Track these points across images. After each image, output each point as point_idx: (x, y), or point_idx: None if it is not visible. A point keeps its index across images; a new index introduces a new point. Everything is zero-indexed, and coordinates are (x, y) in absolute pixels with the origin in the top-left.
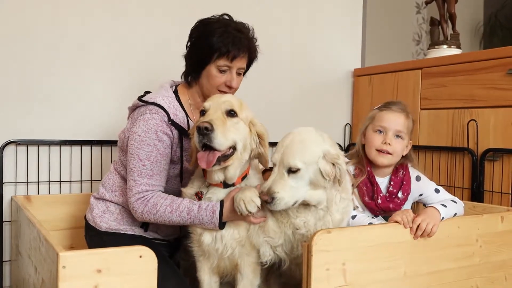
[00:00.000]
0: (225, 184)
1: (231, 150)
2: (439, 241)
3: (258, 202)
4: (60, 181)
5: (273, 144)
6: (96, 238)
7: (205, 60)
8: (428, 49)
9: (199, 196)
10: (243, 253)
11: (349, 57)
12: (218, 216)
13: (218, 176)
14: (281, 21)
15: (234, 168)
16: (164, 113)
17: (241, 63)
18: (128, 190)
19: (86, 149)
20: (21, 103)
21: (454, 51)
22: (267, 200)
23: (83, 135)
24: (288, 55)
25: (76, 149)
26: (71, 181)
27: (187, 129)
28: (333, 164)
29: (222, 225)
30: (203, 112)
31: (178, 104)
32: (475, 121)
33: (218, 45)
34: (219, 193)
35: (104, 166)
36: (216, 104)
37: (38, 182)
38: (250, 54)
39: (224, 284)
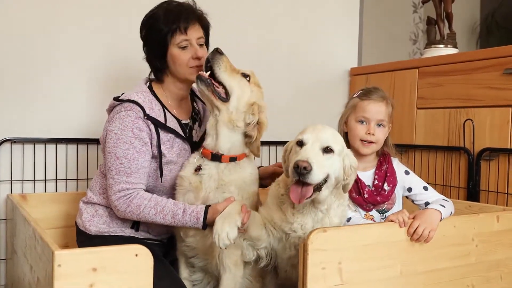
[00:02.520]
0: (212, 156)
1: (226, 97)
2: (435, 241)
3: (233, 237)
4: (56, 180)
5: (270, 143)
6: (87, 242)
7: (163, 47)
8: (425, 48)
9: (198, 168)
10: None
11: (345, 56)
12: (201, 222)
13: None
14: (279, 20)
15: (220, 124)
16: (139, 108)
17: (196, 32)
18: (108, 189)
19: (82, 147)
20: (17, 101)
21: (450, 50)
22: (307, 167)
23: (79, 133)
24: (285, 54)
25: (72, 147)
26: (66, 179)
27: (164, 122)
28: (350, 167)
29: (205, 227)
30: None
31: (153, 97)
32: (472, 120)
33: (166, 26)
34: (209, 169)
35: (100, 165)
36: None
37: (34, 180)
38: (201, 22)
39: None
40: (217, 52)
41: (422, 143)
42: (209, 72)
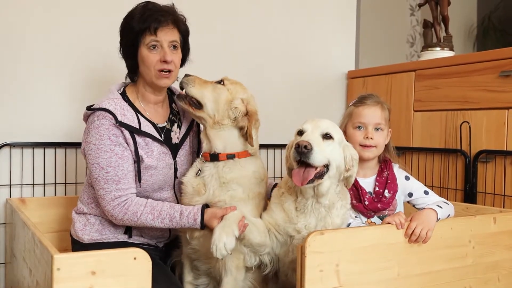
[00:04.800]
0: (210, 156)
1: (200, 108)
2: (432, 242)
3: (230, 247)
4: (55, 183)
5: (268, 146)
6: (81, 251)
7: (134, 46)
8: (422, 51)
9: (198, 173)
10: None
11: (343, 59)
12: (199, 223)
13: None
14: (276, 24)
15: (208, 129)
16: (111, 116)
17: (169, 35)
18: (101, 200)
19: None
20: (16, 106)
21: (447, 53)
22: (307, 146)
23: (77, 137)
24: (282, 57)
25: (71, 151)
26: (65, 183)
27: (138, 127)
28: (351, 158)
29: (203, 228)
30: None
31: (125, 103)
32: (468, 123)
33: (138, 25)
34: (209, 170)
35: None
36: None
37: (33, 184)
38: (179, 26)
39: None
40: (186, 75)
41: (419, 146)
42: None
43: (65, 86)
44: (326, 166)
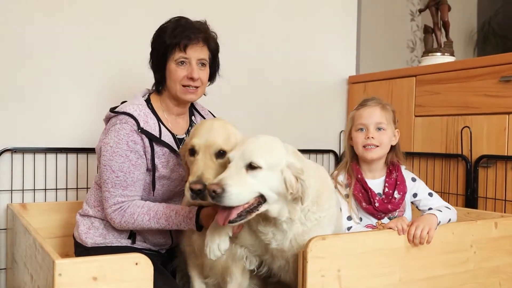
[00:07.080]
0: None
1: None
2: (434, 247)
3: (224, 248)
4: (56, 189)
5: None
6: (84, 254)
7: (163, 59)
8: (422, 56)
9: None
10: (232, 257)
11: (343, 64)
12: (194, 223)
13: None
14: (276, 30)
15: None
16: (134, 121)
17: (198, 53)
18: (104, 201)
19: (81, 156)
20: (17, 112)
21: (447, 58)
22: (216, 191)
23: (78, 142)
24: (283, 62)
25: (72, 156)
26: (66, 188)
27: (158, 136)
28: (297, 179)
29: (200, 228)
30: None
31: (149, 111)
32: (469, 128)
33: (169, 40)
34: None
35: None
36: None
37: (34, 190)
38: (209, 44)
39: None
40: None
41: (420, 151)
42: None
43: (66, 91)
44: (262, 196)
